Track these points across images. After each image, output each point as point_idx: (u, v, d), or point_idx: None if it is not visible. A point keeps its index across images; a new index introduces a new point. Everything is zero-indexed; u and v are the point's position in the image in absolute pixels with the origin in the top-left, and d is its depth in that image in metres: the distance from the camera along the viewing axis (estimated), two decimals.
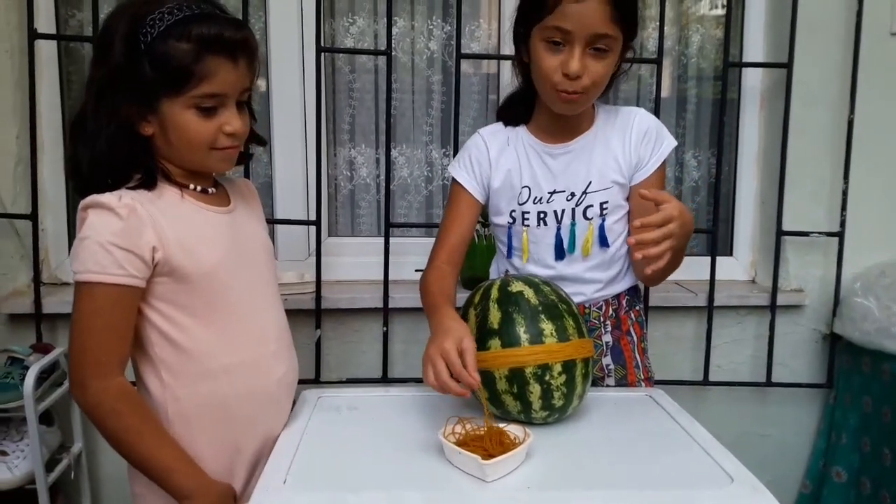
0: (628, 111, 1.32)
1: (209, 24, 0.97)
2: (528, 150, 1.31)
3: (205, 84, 0.98)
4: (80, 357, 0.98)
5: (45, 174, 1.84)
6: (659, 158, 1.29)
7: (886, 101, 1.94)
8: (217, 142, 1.03)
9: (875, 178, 1.97)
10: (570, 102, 1.20)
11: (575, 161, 1.29)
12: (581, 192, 1.28)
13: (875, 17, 1.90)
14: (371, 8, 2.02)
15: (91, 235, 0.96)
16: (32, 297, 1.76)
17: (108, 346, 0.98)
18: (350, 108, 2.06)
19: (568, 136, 1.29)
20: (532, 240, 1.31)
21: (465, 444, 0.98)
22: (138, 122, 1.00)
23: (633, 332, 1.37)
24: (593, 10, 1.12)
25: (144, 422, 1.01)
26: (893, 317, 1.77)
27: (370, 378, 1.91)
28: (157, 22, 0.96)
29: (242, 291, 1.09)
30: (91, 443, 1.87)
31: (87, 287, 0.97)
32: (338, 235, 2.08)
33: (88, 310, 0.97)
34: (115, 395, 0.98)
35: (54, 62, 1.86)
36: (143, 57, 0.96)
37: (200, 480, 1.02)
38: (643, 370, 1.37)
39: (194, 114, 1.00)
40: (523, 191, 1.30)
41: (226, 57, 0.99)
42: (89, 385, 0.98)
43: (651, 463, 1.01)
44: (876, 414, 1.82)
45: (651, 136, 1.28)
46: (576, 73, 1.15)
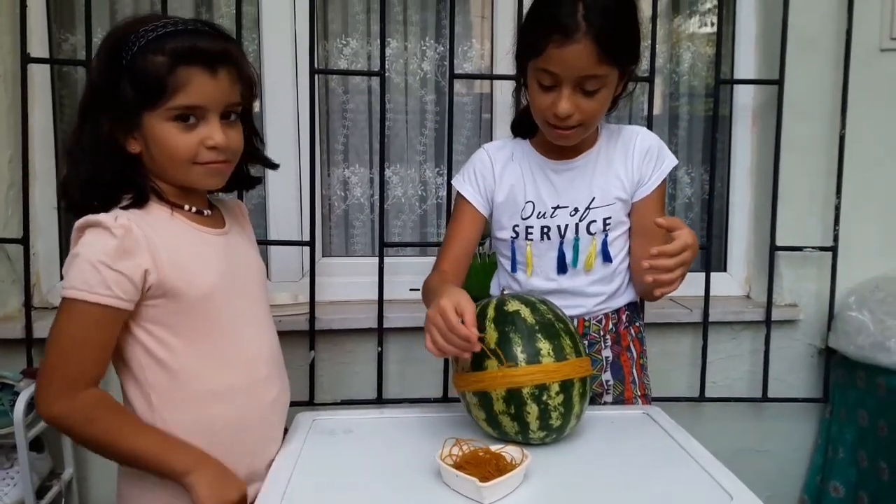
0: (631, 130, 1.34)
1: (184, 37, 0.98)
2: (532, 166, 1.33)
3: (179, 95, 0.98)
4: (51, 373, 0.97)
5: (37, 198, 1.83)
6: (660, 176, 1.30)
7: (877, 117, 1.96)
8: (199, 156, 1.02)
9: (867, 192, 1.98)
10: (566, 137, 1.23)
11: (578, 177, 1.31)
12: (585, 207, 1.30)
13: (865, 34, 1.92)
14: (364, 29, 2.03)
15: (82, 253, 0.95)
16: (23, 321, 1.74)
17: (83, 365, 0.97)
18: (344, 129, 2.07)
19: (571, 154, 1.31)
20: (535, 253, 1.33)
21: (463, 467, 0.97)
22: (125, 140, 1.01)
23: (633, 348, 1.38)
24: (578, 54, 1.12)
25: (119, 418, 1.00)
26: (888, 331, 1.78)
27: (365, 399, 1.90)
28: (137, 40, 0.97)
29: (235, 314, 1.08)
30: (82, 469, 1.85)
31: (70, 304, 0.96)
32: (331, 256, 2.08)
33: (68, 326, 0.96)
34: (87, 406, 0.97)
35: (47, 86, 1.86)
36: (123, 74, 0.97)
37: (195, 454, 1.01)
38: (640, 387, 1.38)
39: (173, 126, 1.00)
40: (527, 205, 1.32)
41: (201, 67, 0.98)
42: (56, 402, 0.96)
43: (650, 482, 1.00)
44: (872, 428, 1.82)
45: (653, 154, 1.30)
46: (565, 113, 1.17)
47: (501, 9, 1.99)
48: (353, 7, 2.03)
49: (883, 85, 1.96)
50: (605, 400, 1.35)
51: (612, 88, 1.20)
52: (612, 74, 1.17)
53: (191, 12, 1.96)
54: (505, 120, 1.96)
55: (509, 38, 1.87)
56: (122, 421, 1.00)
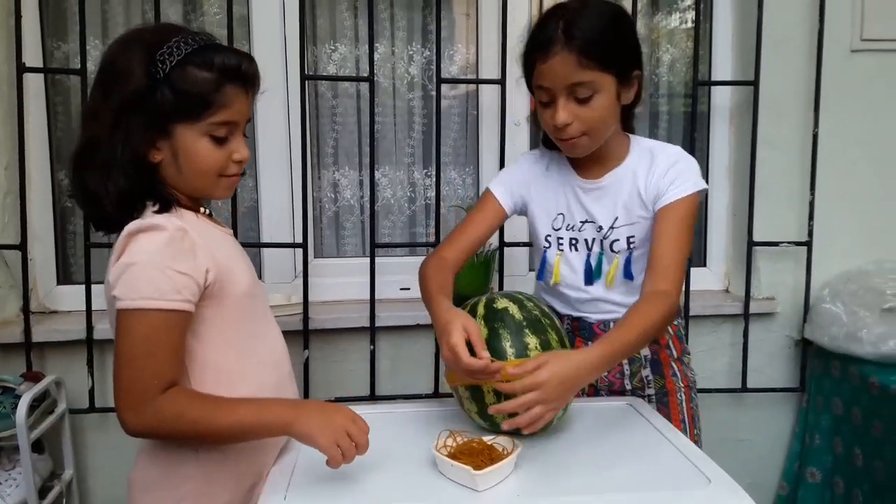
0: (662, 147, 1.33)
1: (229, 55, 1.01)
2: (563, 179, 1.36)
3: (222, 112, 1.01)
4: (130, 386, 0.96)
5: (33, 204, 1.86)
6: (676, 195, 1.26)
7: (849, 115, 2.03)
8: (227, 169, 1.06)
9: (840, 189, 2.05)
10: (573, 147, 1.26)
11: (604, 197, 1.31)
12: (608, 227, 1.31)
13: (836, 36, 1.99)
14: (352, 35, 2.08)
15: (143, 260, 0.95)
16: (22, 326, 1.78)
17: (161, 371, 0.96)
18: (333, 132, 2.11)
19: (599, 171, 1.32)
20: (564, 263, 1.35)
21: (457, 457, 1.03)
22: (148, 149, 1.01)
23: (673, 345, 1.40)
24: (559, 64, 1.17)
25: (205, 403, 0.99)
26: (860, 322, 1.85)
27: (358, 396, 1.95)
28: (174, 50, 0.98)
29: (263, 313, 1.12)
30: (82, 469, 1.88)
31: (141, 314, 0.95)
32: (323, 257, 2.12)
33: (141, 336, 0.95)
34: (171, 404, 0.96)
35: (42, 94, 1.89)
36: (161, 84, 0.97)
37: (287, 405, 1.02)
38: (682, 379, 1.40)
39: (208, 141, 1.02)
40: (558, 217, 1.36)
41: (241, 87, 1.03)
42: (143, 414, 0.96)
43: (633, 468, 1.06)
44: (846, 416, 1.89)
45: (674, 173, 1.27)
46: (563, 123, 1.20)
47: (486, 9, 2.03)
48: (341, 13, 2.07)
49: (854, 85, 2.02)
50: (648, 393, 1.38)
51: (610, 95, 1.21)
52: (603, 80, 1.19)
53: (179, 17, 1.99)
54: (490, 122, 2.02)
55: (495, 42, 1.93)
56: (209, 404, 0.99)
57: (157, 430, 0.99)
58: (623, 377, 1.38)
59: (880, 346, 1.80)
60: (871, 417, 1.80)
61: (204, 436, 1.00)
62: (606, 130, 1.26)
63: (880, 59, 2.02)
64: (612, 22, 1.21)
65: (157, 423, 0.97)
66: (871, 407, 1.80)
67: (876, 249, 2.05)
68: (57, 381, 1.76)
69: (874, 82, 2.03)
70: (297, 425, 0.99)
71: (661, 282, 1.21)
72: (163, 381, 0.96)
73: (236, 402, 1.00)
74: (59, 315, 1.92)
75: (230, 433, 1.00)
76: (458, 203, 2.15)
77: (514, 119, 2.00)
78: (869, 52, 2.01)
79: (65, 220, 1.99)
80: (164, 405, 0.96)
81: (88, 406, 1.82)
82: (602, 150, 1.30)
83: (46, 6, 1.90)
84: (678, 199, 1.25)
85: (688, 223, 1.26)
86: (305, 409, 1.01)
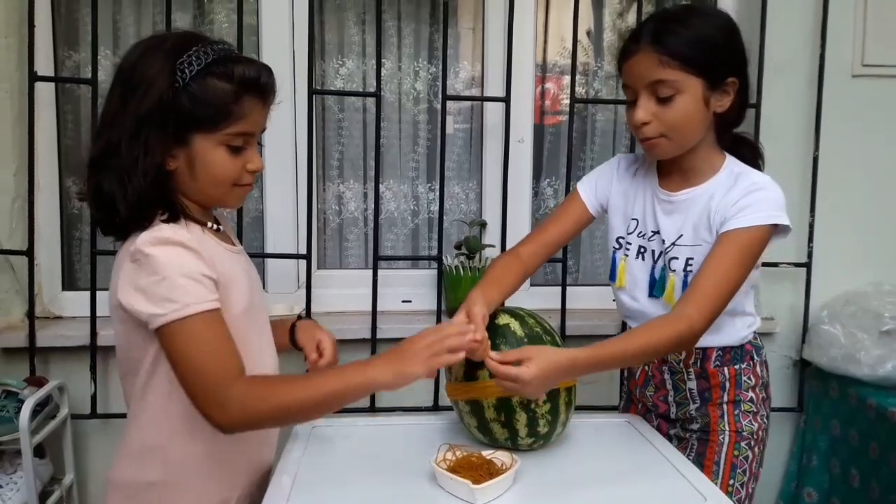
0: (750, 173, 1.24)
1: (249, 66, 1.02)
2: (647, 187, 1.33)
3: (240, 123, 1.02)
4: (203, 387, 0.96)
5: (41, 210, 1.88)
6: (741, 222, 1.16)
7: (849, 139, 2.05)
8: (241, 179, 1.07)
9: (839, 211, 2.07)
10: (652, 149, 1.23)
11: (675, 212, 1.28)
12: (671, 242, 1.27)
13: (838, 61, 2.02)
14: (360, 50, 2.11)
15: (173, 273, 0.96)
16: (27, 330, 1.79)
17: (227, 362, 0.98)
18: (339, 145, 2.14)
19: (680, 184, 1.28)
20: (629, 270, 1.34)
21: (456, 471, 1.04)
22: (165, 156, 1.01)
23: (729, 386, 1.30)
24: (640, 62, 1.17)
25: (286, 381, 1.00)
26: (858, 344, 1.86)
27: (359, 408, 1.95)
28: (194, 59, 0.99)
29: (255, 332, 1.13)
30: (82, 475, 1.89)
31: (190, 320, 0.96)
32: (326, 268, 2.14)
33: (198, 340, 0.96)
34: (249, 391, 0.97)
35: (52, 102, 1.91)
36: (181, 92, 0.98)
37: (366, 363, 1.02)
38: (730, 422, 1.29)
39: (224, 151, 1.03)
40: (632, 222, 1.34)
41: (259, 98, 1.04)
42: (226, 405, 0.96)
43: (630, 485, 1.07)
44: (844, 437, 1.90)
45: (748, 200, 1.18)
46: (640, 121, 1.19)
47: (492, 25, 2.05)
48: (349, 28, 2.10)
49: (855, 109, 2.05)
50: (692, 427, 1.32)
51: (695, 98, 1.17)
52: (688, 81, 1.16)
53: (189, 28, 2.02)
54: (494, 138, 2.04)
55: (500, 59, 1.96)
56: (289, 383, 1.00)
57: (247, 420, 0.98)
58: (668, 404, 1.35)
59: (878, 368, 1.81)
60: (868, 439, 1.81)
61: (293, 414, 1.00)
62: (690, 136, 1.22)
63: (881, 85, 2.04)
64: (707, 26, 1.19)
65: (244, 411, 0.96)
66: (868, 428, 1.81)
67: (874, 272, 2.07)
68: (60, 386, 1.78)
69: (875, 107, 2.05)
70: (381, 376, 1.00)
71: (690, 305, 1.14)
72: (232, 371, 0.98)
73: (315, 376, 1.01)
74: (64, 320, 1.94)
75: (320, 405, 1.00)
76: (461, 217, 2.16)
77: (518, 136, 2.02)
78: (870, 78, 2.04)
79: (71, 226, 2.01)
80: (243, 393, 0.96)
81: (91, 412, 1.83)
82: (689, 163, 1.26)
83: (59, 16, 1.93)
84: (741, 228, 1.17)
85: (744, 255, 1.17)
86: (381, 361, 1.02)
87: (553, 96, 2.24)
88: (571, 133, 1.94)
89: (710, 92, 1.18)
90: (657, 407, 1.38)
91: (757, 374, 1.32)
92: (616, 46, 2.19)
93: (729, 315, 1.24)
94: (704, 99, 1.18)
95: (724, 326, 1.27)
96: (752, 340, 1.33)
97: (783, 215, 1.18)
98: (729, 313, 1.23)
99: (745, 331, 1.31)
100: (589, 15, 2.20)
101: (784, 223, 1.18)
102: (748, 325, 1.31)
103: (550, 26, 2.18)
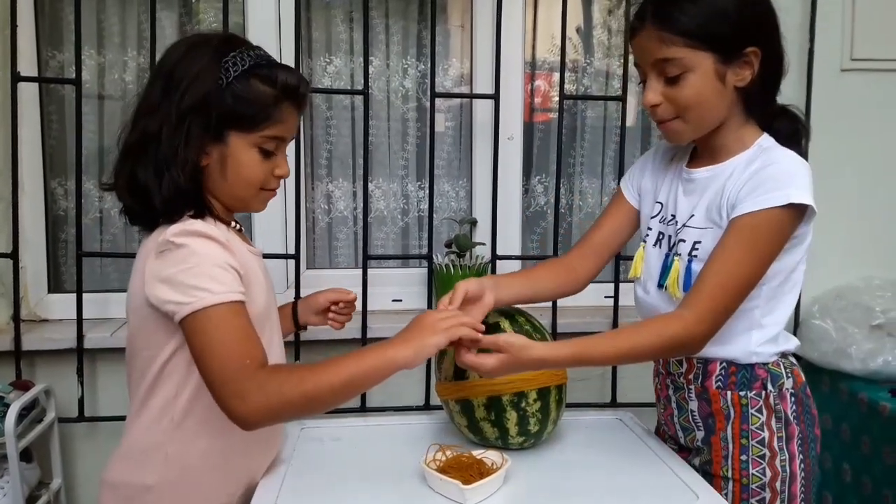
0: (772, 150, 1.10)
1: (290, 74, 1.05)
2: (676, 169, 1.23)
3: (276, 127, 1.04)
4: (223, 374, 0.94)
5: (26, 213, 1.86)
6: (753, 205, 1.03)
7: (839, 134, 2.05)
8: (268, 183, 1.08)
9: (830, 205, 2.03)
10: (668, 132, 1.14)
11: (694, 192, 1.16)
12: (682, 224, 1.16)
13: (827, 56, 2.01)
14: (347, 48, 2.09)
15: (201, 262, 0.96)
16: (12, 334, 1.77)
17: (248, 350, 0.96)
18: (327, 144, 2.12)
19: (704, 162, 1.17)
20: (646, 258, 1.23)
21: (446, 471, 1.03)
22: (200, 152, 1.02)
23: (734, 416, 1.13)
24: (644, 40, 1.09)
25: (305, 368, 0.98)
26: (849, 338, 1.86)
27: (349, 409, 1.94)
28: (238, 59, 1.01)
29: (269, 332, 1.12)
30: (70, 479, 1.87)
31: (216, 309, 0.95)
32: (315, 268, 2.13)
33: (220, 328, 0.95)
34: (269, 378, 0.95)
35: (36, 103, 1.89)
36: (225, 89, 1.00)
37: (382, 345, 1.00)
38: (735, 468, 1.12)
39: (256, 153, 1.04)
40: (656, 205, 1.25)
41: (295, 106, 1.06)
42: (247, 394, 0.93)
43: (622, 483, 1.07)
44: (835, 431, 1.90)
45: (761, 178, 1.05)
46: (649, 102, 1.11)
47: (480, 22, 2.04)
48: (336, 26, 2.08)
49: (844, 104, 2.05)
50: (693, 462, 1.18)
51: (707, 75, 1.06)
52: (695, 58, 1.05)
53: (175, 27, 2.00)
54: (484, 136, 2.03)
55: (489, 56, 1.95)
56: (308, 370, 0.97)
57: (268, 410, 0.94)
58: (675, 425, 1.22)
59: (869, 362, 1.81)
60: (860, 433, 1.81)
61: (315, 401, 0.96)
62: (709, 116, 1.10)
63: (870, 79, 2.05)
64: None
65: (265, 400, 0.93)
66: (860, 423, 1.81)
67: (865, 266, 2.07)
68: (46, 389, 1.76)
69: (864, 102, 2.05)
70: (401, 353, 0.98)
71: (687, 304, 1.05)
72: (255, 360, 0.96)
73: (334, 361, 0.98)
74: (50, 323, 1.92)
75: (342, 390, 0.97)
76: (451, 215, 2.15)
77: (507, 133, 2.01)
78: (859, 72, 2.04)
79: (57, 228, 1.99)
80: (264, 381, 0.94)
81: (78, 415, 1.81)
82: (718, 141, 1.14)
83: (42, 16, 1.90)
84: (752, 212, 1.03)
85: (753, 246, 1.03)
86: (397, 340, 1.00)
87: (543, 93, 2.23)
88: (561, 130, 1.94)
89: (726, 66, 1.06)
90: (668, 428, 1.25)
91: (770, 405, 1.11)
92: (605, 43, 2.19)
93: (739, 321, 1.09)
94: (718, 74, 1.07)
95: (732, 335, 1.11)
96: (769, 365, 1.12)
97: (801, 193, 1.02)
98: (740, 320, 1.09)
99: (759, 348, 1.12)
100: (578, 11, 2.19)
101: (801, 202, 1.02)
102: (765, 342, 1.12)
103: (539, 23, 2.17)
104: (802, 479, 1.12)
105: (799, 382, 1.15)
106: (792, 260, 1.11)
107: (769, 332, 1.12)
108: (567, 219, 2.23)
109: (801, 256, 1.13)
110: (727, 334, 1.09)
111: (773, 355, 1.13)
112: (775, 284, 1.11)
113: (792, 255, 1.10)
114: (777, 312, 1.12)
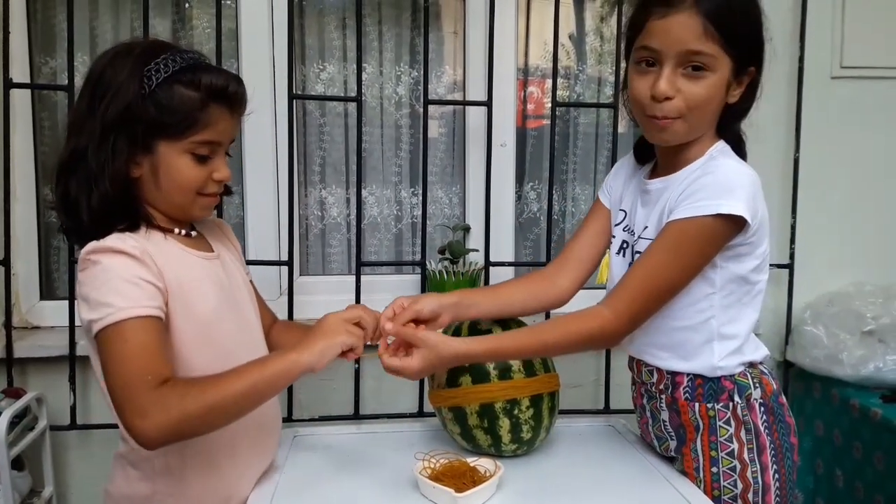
0: (718, 158, 1.08)
1: (216, 75, 1.02)
2: (637, 179, 1.21)
3: (206, 132, 1.01)
4: (124, 392, 0.91)
5: (17, 220, 1.85)
6: (683, 212, 1.02)
7: (829, 140, 2.06)
8: (206, 188, 1.05)
9: (821, 212, 2.08)
10: (663, 130, 1.06)
11: (649, 203, 1.14)
12: (638, 235, 1.14)
13: (817, 63, 2.03)
14: (340, 55, 2.10)
15: (110, 278, 0.94)
16: (3, 341, 1.76)
17: (150, 367, 0.92)
18: (320, 150, 2.12)
19: (661, 172, 1.14)
20: (610, 266, 1.21)
21: (439, 479, 1.03)
22: (129, 163, 1.00)
23: (702, 429, 1.11)
24: (680, 25, 1.00)
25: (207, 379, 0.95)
26: (841, 344, 1.87)
27: (342, 416, 1.94)
28: (162, 67, 0.99)
29: (233, 339, 1.10)
30: (62, 487, 1.86)
31: (121, 325, 0.92)
32: (309, 274, 2.12)
33: (124, 346, 0.92)
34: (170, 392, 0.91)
35: (28, 109, 1.88)
36: (147, 99, 0.98)
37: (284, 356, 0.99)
38: (706, 482, 1.09)
39: (189, 159, 1.02)
40: (620, 213, 1.22)
41: (226, 108, 1.03)
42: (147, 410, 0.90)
43: (614, 489, 1.07)
44: (828, 437, 1.91)
45: (697, 186, 1.03)
46: (663, 93, 1.02)
47: (473, 29, 2.04)
48: (330, 33, 2.09)
49: (834, 111, 2.06)
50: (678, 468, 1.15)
51: (723, 81, 1.03)
52: (722, 60, 1.01)
53: (168, 32, 2.00)
54: (477, 142, 2.03)
55: (481, 63, 1.95)
56: (210, 380, 0.95)
57: (169, 426, 0.91)
58: (651, 433, 1.21)
59: (860, 368, 1.82)
60: (852, 439, 1.82)
61: (219, 411, 0.94)
62: (704, 122, 1.07)
63: (859, 86, 2.06)
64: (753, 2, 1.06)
65: (166, 416, 0.90)
66: (852, 429, 1.82)
67: (857, 272, 2.08)
68: (38, 397, 1.75)
69: (853, 108, 2.06)
70: (305, 356, 0.98)
71: (607, 301, 1.05)
72: (156, 376, 0.92)
73: (236, 369, 0.97)
74: (42, 330, 1.91)
75: (246, 398, 0.95)
76: (444, 222, 2.16)
77: (500, 140, 2.02)
78: (848, 80, 2.05)
79: (49, 235, 1.99)
80: (164, 395, 0.91)
81: (70, 423, 1.80)
82: (681, 153, 1.10)
83: (35, 22, 1.90)
84: (683, 218, 1.02)
85: (680, 249, 1.02)
86: (300, 346, 1.00)
87: (535, 100, 2.24)
88: (554, 136, 1.94)
89: (733, 78, 1.05)
90: (645, 436, 1.24)
91: (738, 416, 1.09)
92: (598, 50, 2.20)
93: (697, 334, 1.09)
94: (727, 84, 1.04)
95: (693, 350, 1.10)
96: (735, 376, 1.10)
97: (734, 204, 0.99)
98: (698, 332, 1.09)
99: (722, 361, 1.09)
100: (571, 18, 2.20)
101: (732, 213, 0.99)
102: (728, 354, 1.09)
103: (532, 30, 2.18)
104: (777, 489, 1.08)
105: (769, 392, 1.11)
106: (742, 268, 1.07)
107: (732, 343, 1.09)
108: (560, 225, 2.24)
109: (754, 265, 1.08)
110: (688, 349, 1.09)
111: (738, 366, 1.10)
112: (728, 293, 1.08)
113: (742, 263, 1.07)
114: (738, 323, 1.10)
